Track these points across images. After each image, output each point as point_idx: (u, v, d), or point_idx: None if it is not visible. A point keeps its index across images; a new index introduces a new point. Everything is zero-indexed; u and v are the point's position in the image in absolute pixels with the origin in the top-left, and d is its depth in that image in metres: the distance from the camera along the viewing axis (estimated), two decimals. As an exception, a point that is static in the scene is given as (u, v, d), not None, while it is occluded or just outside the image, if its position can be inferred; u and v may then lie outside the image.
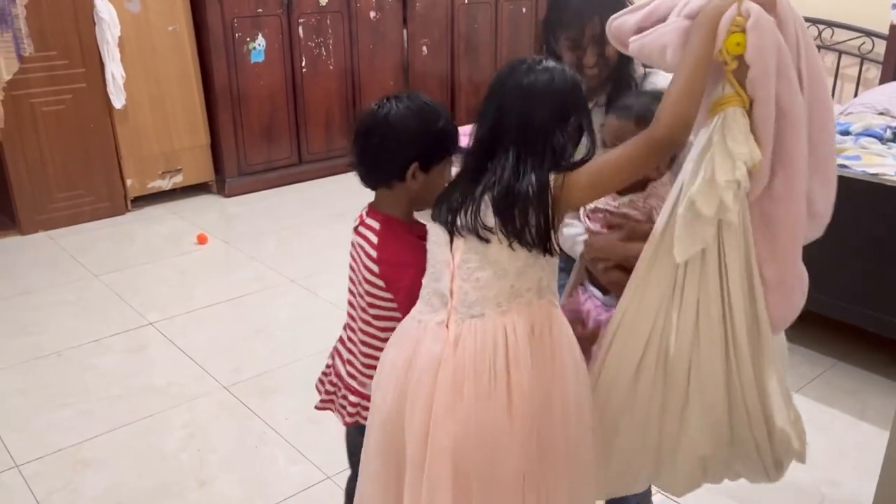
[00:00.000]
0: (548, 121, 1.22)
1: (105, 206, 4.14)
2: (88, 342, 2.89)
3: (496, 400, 1.21)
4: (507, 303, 1.23)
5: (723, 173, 1.13)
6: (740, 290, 1.21)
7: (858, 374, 2.62)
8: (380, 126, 1.34)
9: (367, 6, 4.81)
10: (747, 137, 1.14)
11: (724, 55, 1.12)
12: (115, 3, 3.89)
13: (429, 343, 1.25)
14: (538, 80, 1.23)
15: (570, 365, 1.27)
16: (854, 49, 4.11)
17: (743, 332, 1.23)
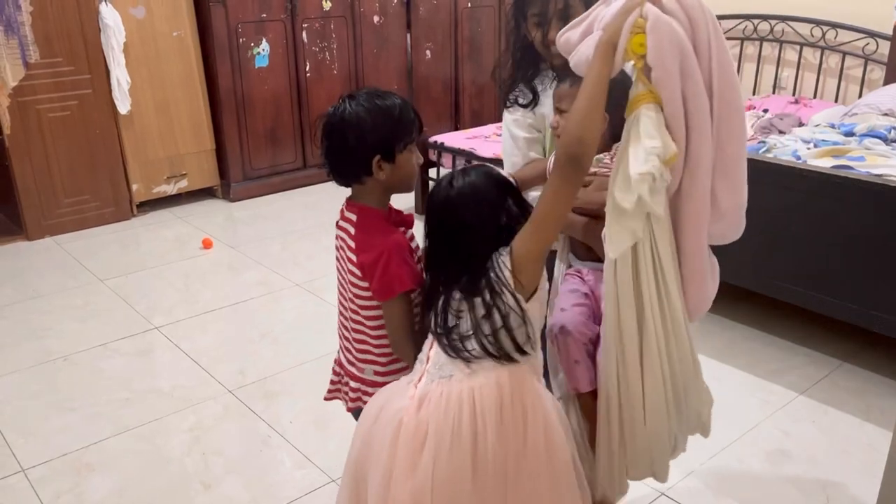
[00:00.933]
0: (486, 217, 1.30)
1: (111, 211, 4.16)
2: (95, 346, 2.90)
3: (458, 461, 1.22)
4: (476, 363, 1.27)
5: (635, 166, 1.16)
6: (674, 277, 1.27)
7: (864, 375, 2.61)
8: (338, 127, 1.40)
9: (371, 11, 4.83)
10: (660, 131, 1.17)
11: (629, 55, 1.17)
12: (120, 9, 3.92)
13: (396, 399, 1.31)
14: (461, 189, 1.31)
15: (542, 431, 1.26)
16: (858, 50, 4.10)
17: (678, 313, 1.30)
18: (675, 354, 1.32)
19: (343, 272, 1.51)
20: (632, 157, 1.17)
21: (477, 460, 1.22)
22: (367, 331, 1.47)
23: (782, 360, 2.70)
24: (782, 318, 2.92)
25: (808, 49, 4.34)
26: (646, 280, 1.26)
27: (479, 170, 1.35)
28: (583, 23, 1.31)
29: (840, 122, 3.28)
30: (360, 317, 1.48)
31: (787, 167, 2.61)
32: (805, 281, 2.60)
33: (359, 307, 1.46)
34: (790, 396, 2.50)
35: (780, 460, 2.20)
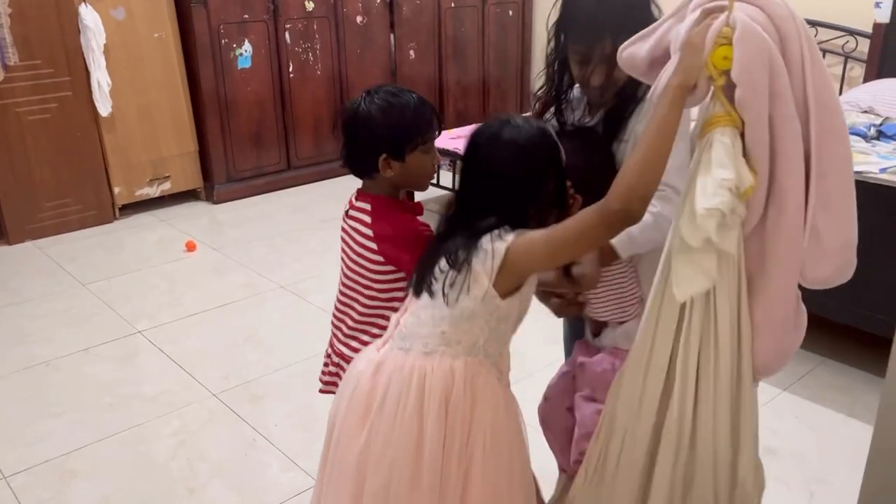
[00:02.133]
0: (524, 178, 1.24)
1: (93, 214, 4.12)
2: (77, 351, 2.87)
3: (400, 435, 1.22)
4: (433, 346, 1.25)
5: (703, 200, 1.02)
6: (728, 332, 1.12)
7: (848, 371, 2.63)
8: (351, 122, 1.43)
9: (354, 11, 4.81)
10: (735, 160, 1.03)
11: (710, 70, 1.03)
12: (100, 10, 3.88)
13: (362, 359, 1.33)
14: (511, 139, 1.24)
15: (489, 428, 1.24)
16: (838, 48, 4.14)
17: (726, 378, 1.14)
18: (705, 428, 1.16)
19: (354, 263, 1.50)
20: (699, 190, 1.03)
21: (421, 439, 1.22)
22: (386, 313, 1.44)
23: (766, 356, 2.72)
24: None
25: (789, 47, 4.37)
26: (685, 333, 1.12)
27: (541, 126, 1.27)
28: (651, 36, 1.16)
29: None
30: (378, 301, 1.48)
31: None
32: (788, 278, 2.62)
33: (378, 291, 1.47)
34: (774, 392, 2.52)
35: (764, 456, 2.19)
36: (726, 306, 1.10)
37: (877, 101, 3.38)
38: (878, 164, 2.55)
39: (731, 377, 1.14)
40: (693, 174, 1.07)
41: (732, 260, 1.08)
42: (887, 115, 3.21)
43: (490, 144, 1.25)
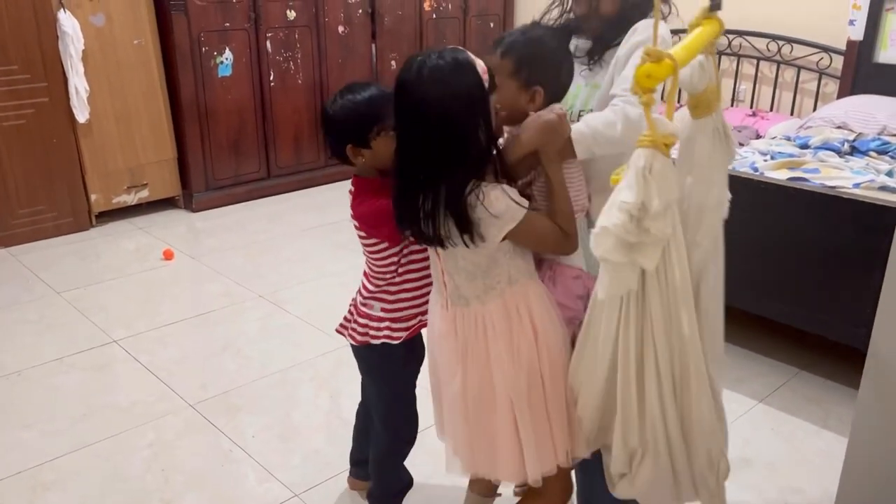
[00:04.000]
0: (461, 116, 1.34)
1: (68, 221, 4.07)
2: (50, 361, 2.83)
3: (478, 375, 1.50)
4: (484, 295, 1.46)
5: (601, 219, 1.11)
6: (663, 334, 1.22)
7: (821, 383, 2.67)
8: (322, 120, 1.64)
9: (336, 21, 4.82)
10: (644, 184, 1.09)
11: (635, 90, 1.10)
12: (79, 17, 3.85)
13: (438, 321, 1.57)
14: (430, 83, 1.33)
15: (551, 332, 1.48)
16: (812, 64, 4.21)
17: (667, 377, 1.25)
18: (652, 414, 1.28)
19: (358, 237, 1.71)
20: (605, 207, 1.11)
21: (494, 375, 1.47)
22: (383, 276, 1.68)
23: (742, 368, 2.75)
24: (741, 326, 2.97)
25: (765, 63, 4.44)
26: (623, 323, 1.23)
27: (458, 56, 1.35)
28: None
29: (796, 135, 3.36)
30: (374, 266, 1.69)
31: (745, 178, 2.66)
32: (762, 290, 2.66)
33: (372, 260, 1.68)
34: (750, 404, 2.54)
35: (740, 467, 2.23)
36: (659, 312, 1.20)
37: (850, 117, 3.44)
38: (851, 180, 2.59)
39: (671, 374, 1.25)
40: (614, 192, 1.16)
41: (661, 275, 1.17)
42: (860, 131, 3.27)
43: (417, 87, 1.33)
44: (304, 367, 2.79)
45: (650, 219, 1.06)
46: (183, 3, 4.14)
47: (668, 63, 1.03)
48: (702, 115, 1.23)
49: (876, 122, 3.36)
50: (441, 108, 1.31)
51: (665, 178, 1.06)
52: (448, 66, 1.32)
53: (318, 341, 2.97)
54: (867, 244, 2.40)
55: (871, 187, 2.52)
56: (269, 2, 4.47)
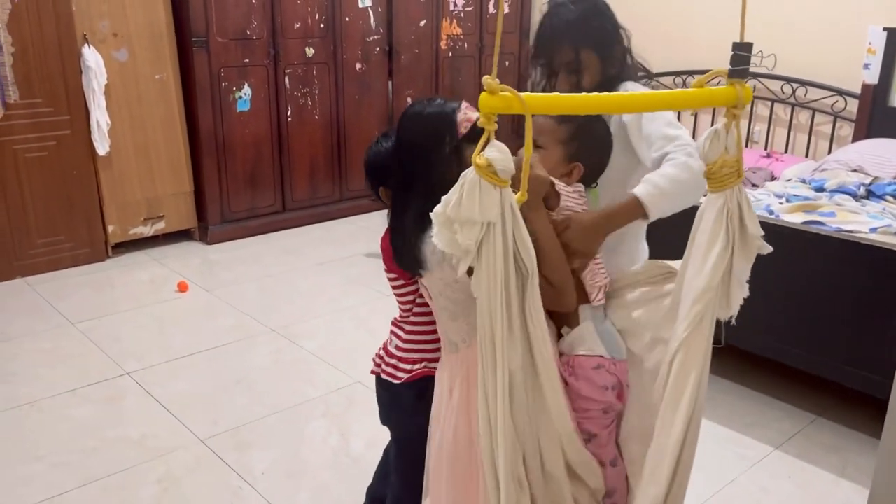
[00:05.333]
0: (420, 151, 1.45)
1: (85, 252, 4.11)
2: (64, 392, 2.83)
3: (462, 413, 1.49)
4: (469, 338, 1.48)
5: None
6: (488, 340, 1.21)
7: (839, 430, 2.62)
8: (364, 161, 1.72)
9: (354, 58, 4.89)
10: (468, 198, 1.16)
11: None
12: (102, 52, 3.93)
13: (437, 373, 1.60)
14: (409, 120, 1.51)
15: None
16: (827, 107, 4.23)
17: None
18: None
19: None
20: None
21: (473, 425, 1.42)
22: (400, 309, 1.72)
23: (758, 413, 2.71)
24: (757, 371, 2.94)
25: (780, 105, 4.46)
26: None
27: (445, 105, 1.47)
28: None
29: (811, 178, 3.35)
30: (396, 300, 1.72)
31: (760, 221, 2.65)
32: (778, 334, 2.63)
33: (392, 291, 1.71)
34: (766, 451, 2.50)
35: (756, 516, 2.20)
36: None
37: (865, 160, 3.44)
38: (867, 224, 2.58)
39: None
40: None
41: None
42: (876, 175, 3.26)
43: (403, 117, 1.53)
44: (316, 404, 2.78)
45: (456, 222, 1.13)
46: (205, 40, 4.23)
47: (506, 97, 1.07)
48: (714, 189, 1.18)
49: (892, 166, 3.36)
50: (408, 135, 1.49)
51: (470, 194, 1.11)
52: (429, 105, 1.49)
53: (329, 377, 2.97)
54: (884, 290, 2.38)
55: (887, 232, 2.51)
56: (288, 39, 4.55)
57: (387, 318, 1.76)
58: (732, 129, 1.16)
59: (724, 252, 1.18)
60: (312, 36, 4.66)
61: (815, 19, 4.22)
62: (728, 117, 1.16)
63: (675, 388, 1.23)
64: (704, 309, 1.20)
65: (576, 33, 1.63)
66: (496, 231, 1.14)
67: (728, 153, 1.15)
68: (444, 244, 1.16)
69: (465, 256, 1.15)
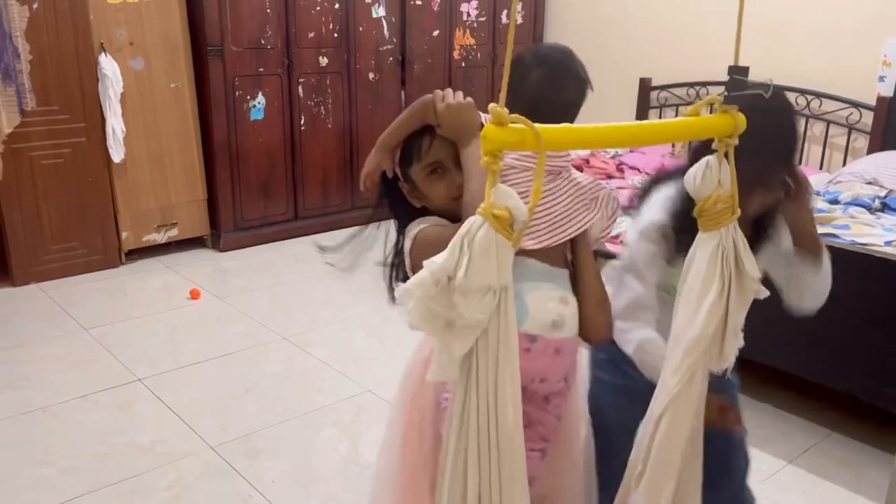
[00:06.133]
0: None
1: (99, 258, 4.14)
2: (75, 398, 2.85)
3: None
4: None
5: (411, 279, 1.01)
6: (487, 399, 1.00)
7: (853, 445, 2.59)
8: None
9: (367, 67, 4.91)
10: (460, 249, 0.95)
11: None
12: (119, 60, 3.97)
13: None
14: None
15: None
16: (842, 119, 4.20)
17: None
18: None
19: None
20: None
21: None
22: None
23: (771, 426, 2.69)
24: (770, 384, 2.91)
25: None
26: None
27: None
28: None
29: (825, 190, 3.33)
30: None
31: (774, 234, 2.64)
32: (791, 347, 2.61)
33: None
34: (779, 465, 2.48)
35: (769, 531, 2.17)
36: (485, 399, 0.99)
37: (880, 172, 3.41)
38: (882, 237, 2.56)
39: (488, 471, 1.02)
40: None
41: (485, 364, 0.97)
42: (891, 188, 3.24)
43: None
44: (326, 412, 2.78)
45: (458, 293, 0.91)
46: (219, 49, 4.26)
47: (517, 130, 0.88)
48: (707, 228, 1.09)
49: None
50: None
51: (484, 254, 0.91)
52: None
53: (340, 385, 2.97)
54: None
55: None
56: (302, 48, 4.58)
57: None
58: (724, 160, 1.07)
59: (720, 298, 1.08)
60: (326, 45, 4.69)
61: (830, 31, 4.20)
62: (720, 147, 1.06)
63: (664, 452, 1.12)
64: (697, 362, 1.10)
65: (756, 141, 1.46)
66: (508, 297, 0.95)
67: (722, 187, 1.07)
68: (419, 320, 0.93)
69: (471, 333, 0.94)
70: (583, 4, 5.52)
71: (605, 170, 4.55)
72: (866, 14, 4.05)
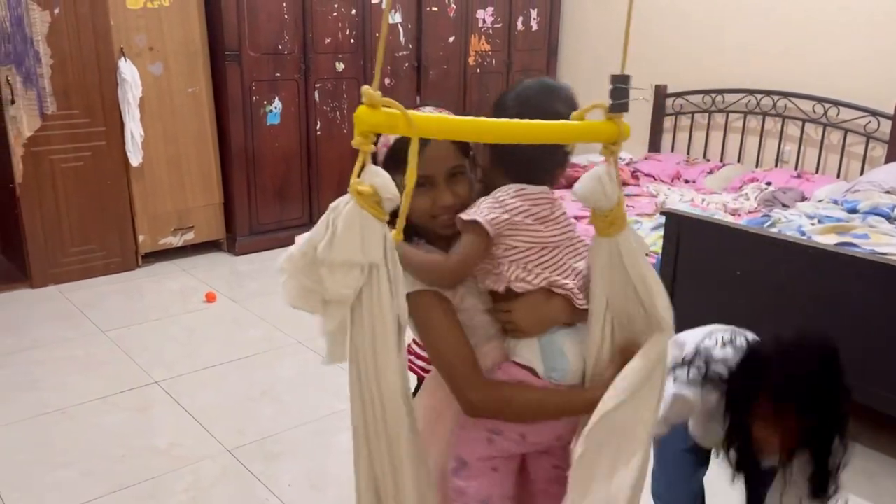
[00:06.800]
0: None
1: (116, 261, 4.17)
2: (93, 399, 2.87)
3: None
4: None
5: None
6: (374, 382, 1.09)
7: (872, 455, 2.58)
8: None
9: (383, 73, 4.93)
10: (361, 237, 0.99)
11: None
12: (138, 65, 4.00)
13: None
14: None
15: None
16: (860, 128, 4.18)
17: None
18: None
19: None
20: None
21: None
22: None
23: (788, 436, 2.67)
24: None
25: (811, 125, 4.42)
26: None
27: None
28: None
29: (843, 198, 3.32)
30: None
31: (792, 242, 2.63)
32: (811, 357, 2.59)
33: None
34: (796, 475, 2.46)
35: (787, 542, 2.15)
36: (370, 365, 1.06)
37: (899, 182, 3.40)
38: (902, 247, 2.54)
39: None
40: None
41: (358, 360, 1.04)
42: (910, 197, 3.22)
43: None
44: (342, 416, 2.79)
45: (324, 267, 0.95)
46: (237, 54, 4.29)
47: (389, 114, 0.93)
48: (603, 235, 1.18)
49: (926, 188, 3.32)
50: None
51: (348, 229, 0.94)
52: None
53: (355, 390, 2.97)
54: (920, 314, 2.34)
55: (923, 255, 2.47)
56: (319, 54, 4.61)
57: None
58: (612, 167, 1.12)
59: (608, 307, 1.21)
60: (343, 51, 4.71)
61: (847, 39, 4.18)
62: (606, 154, 1.12)
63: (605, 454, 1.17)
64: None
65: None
66: (381, 275, 0.98)
67: (608, 199, 1.12)
68: (295, 297, 0.98)
69: (338, 309, 0.98)
70: (597, 12, 5.53)
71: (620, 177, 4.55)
72: (884, 22, 4.04)
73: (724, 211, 3.67)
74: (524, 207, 1.23)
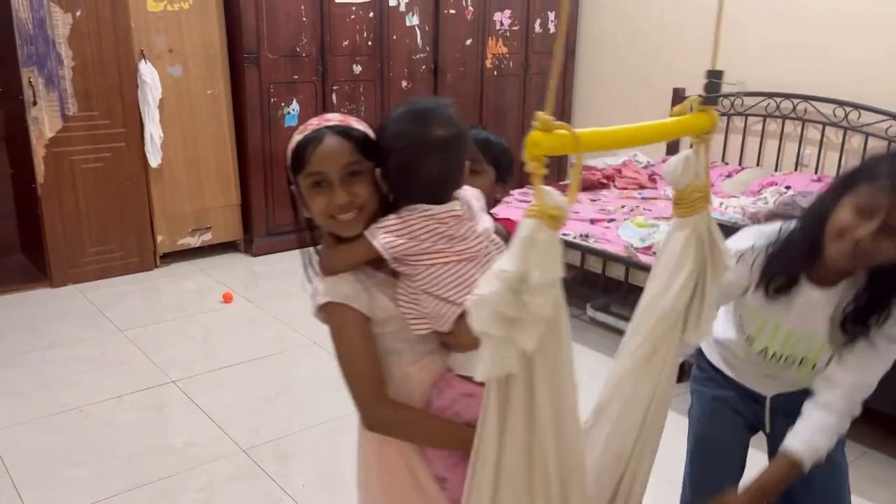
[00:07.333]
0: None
1: (134, 261, 4.21)
2: (110, 398, 2.90)
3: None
4: None
5: (478, 288, 0.96)
6: (550, 428, 1.03)
7: (890, 463, 2.54)
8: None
9: (400, 76, 4.95)
10: (528, 254, 0.95)
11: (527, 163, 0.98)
12: (158, 67, 4.04)
13: None
14: None
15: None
16: (881, 132, 4.13)
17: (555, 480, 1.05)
18: None
19: None
20: (484, 276, 0.97)
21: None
22: None
23: (806, 443, 2.64)
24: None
25: (831, 128, 4.37)
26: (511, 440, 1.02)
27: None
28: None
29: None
30: None
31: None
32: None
33: None
34: (814, 482, 2.43)
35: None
36: (548, 402, 1.01)
37: (922, 186, 3.34)
38: (924, 252, 2.50)
39: (558, 473, 1.05)
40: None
41: (547, 358, 1.00)
42: (933, 202, 3.17)
43: None
44: (356, 417, 2.79)
45: (529, 293, 0.94)
46: (256, 57, 4.32)
47: (561, 136, 0.92)
48: (683, 214, 1.18)
49: (949, 193, 3.26)
50: None
51: (548, 252, 0.95)
52: None
53: (369, 392, 2.98)
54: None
55: (945, 261, 2.44)
56: (336, 56, 4.62)
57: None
58: (701, 153, 1.17)
59: (690, 277, 1.18)
60: (360, 54, 4.73)
61: (868, 41, 4.14)
62: (698, 142, 1.16)
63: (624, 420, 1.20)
64: (665, 333, 1.19)
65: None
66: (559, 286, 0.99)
67: (698, 178, 1.16)
68: (495, 326, 0.94)
69: (537, 329, 0.95)
70: (615, 16, 5.51)
71: (637, 180, 4.53)
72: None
73: (742, 215, 3.64)
74: (429, 228, 1.22)
